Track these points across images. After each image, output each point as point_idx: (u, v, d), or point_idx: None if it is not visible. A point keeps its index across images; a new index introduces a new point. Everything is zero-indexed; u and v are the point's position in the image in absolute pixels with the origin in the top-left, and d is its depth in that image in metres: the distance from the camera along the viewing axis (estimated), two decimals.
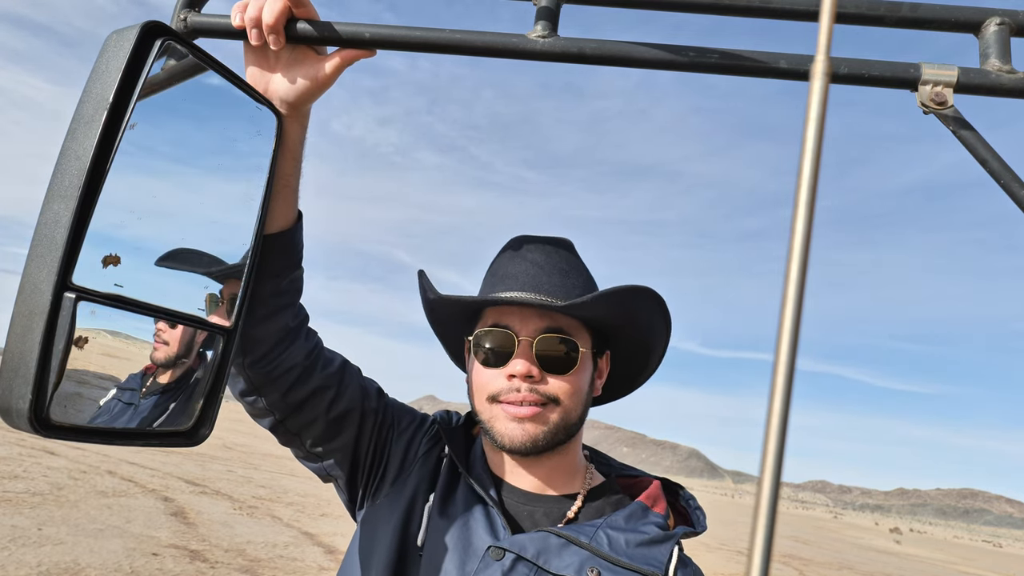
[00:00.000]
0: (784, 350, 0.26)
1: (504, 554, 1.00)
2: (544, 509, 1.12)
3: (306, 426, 1.13)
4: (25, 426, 0.65)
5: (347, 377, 1.16)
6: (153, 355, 0.85)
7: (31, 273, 0.66)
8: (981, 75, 0.78)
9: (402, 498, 1.12)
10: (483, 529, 1.05)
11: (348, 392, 1.15)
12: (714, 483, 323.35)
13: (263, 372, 1.05)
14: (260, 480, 14.17)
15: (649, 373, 1.29)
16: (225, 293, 0.93)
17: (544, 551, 1.00)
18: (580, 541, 1.01)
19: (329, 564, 7.86)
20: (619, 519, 1.08)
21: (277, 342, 1.05)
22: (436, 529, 1.06)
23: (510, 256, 1.18)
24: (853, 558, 24.04)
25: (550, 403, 1.08)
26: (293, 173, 1.01)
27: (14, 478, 9.10)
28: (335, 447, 1.16)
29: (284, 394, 1.08)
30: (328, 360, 1.14)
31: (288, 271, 1.04)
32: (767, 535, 0.26)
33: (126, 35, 0.72)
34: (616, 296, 1.08)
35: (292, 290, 1.06)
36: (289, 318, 1.06)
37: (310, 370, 1.10)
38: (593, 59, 0.83)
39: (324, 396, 1.12)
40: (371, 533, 1.11)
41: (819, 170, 0.28)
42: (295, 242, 1.05)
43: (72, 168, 0.67)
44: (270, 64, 0.95)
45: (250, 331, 1.02)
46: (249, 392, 1.08)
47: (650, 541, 1.05)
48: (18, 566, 5.60)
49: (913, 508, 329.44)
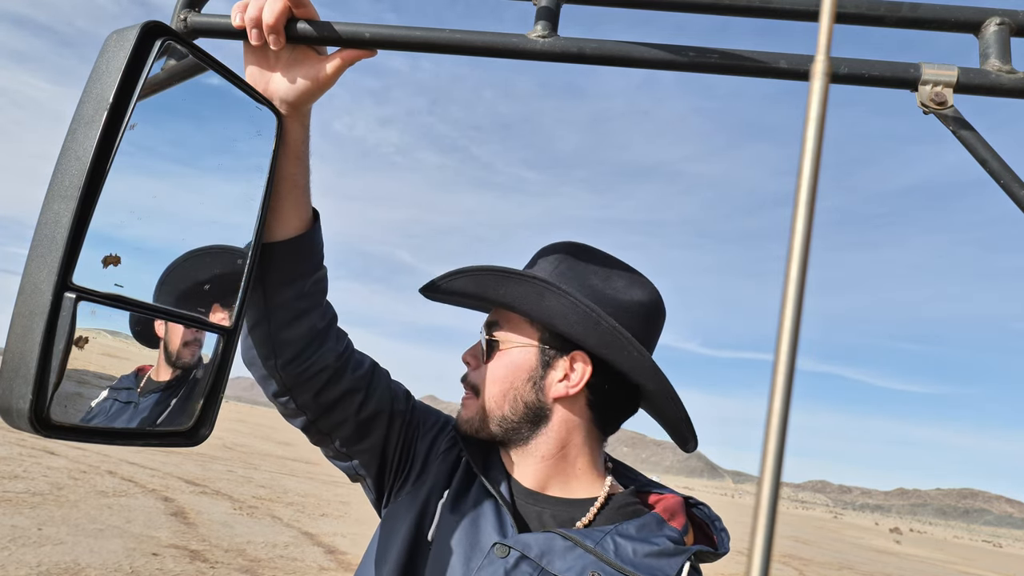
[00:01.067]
0: (784, 350, 0.26)
1: (509, 552, 1.00)
2: (552, 511, 1.11)
3: (336, 427, 1.14)
4: (25, 426, 0.65)
5: (376, 380, 1.18)
6: (180, 354, 0.88)
7: (31, 273, 0.66)
8: (981, 75, 0.78)
9: (420, 495, 1.13)
10: (492, 527, 1.05)
11: (377, 394, 1.17)
12: (714, 483, 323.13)
13: (295, 374, 1.07)
14: (260, 480, 14.17)
15: (642, 378, 1.12)
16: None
17: (548, 552, 1.00)
18: (585, 545, 1.00)
19: (329, 564, 7.86)
20: (630, 528, 1.05)
21: (307, 344, 1.06)
22: (446, 524, 1.07)
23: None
24: (853, 558, 24.04)
25: (472, 392, 1.16)
26: (299, 173, 1.01)
27: (14, 478, 9.10)
28: (364, 448, 1.18)
29: (316, 395, 1.10)
30: (358, 362, 1.16)
31: (311, 273, 1.05)
32: (767, 535, 0.26)
33: (126, 35, 0.72)
34: (462, 277, 1.14)
35: (317, 291, 1.07)
36: (317, 319, 1.07)
37: (341, 372, 1.11)
38: (593, 59, 0.83)
39: (355, 398, 1.13)
40: (389, 528, 1.13)
41: (819, 170, 0.28)
42: (315, 244, 1.05)
43: (72, 168, 0.67)
44: (270, 64, 0.95)
45: (279, 334, 1.03)
46: (282, 393, 1.10)
47: (659, 553, 1.01)
48: (18, 566, 5.60)
49: (913, 508, 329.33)
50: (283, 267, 1.01)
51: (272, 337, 1.04)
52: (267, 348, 1.05)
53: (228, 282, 0.93)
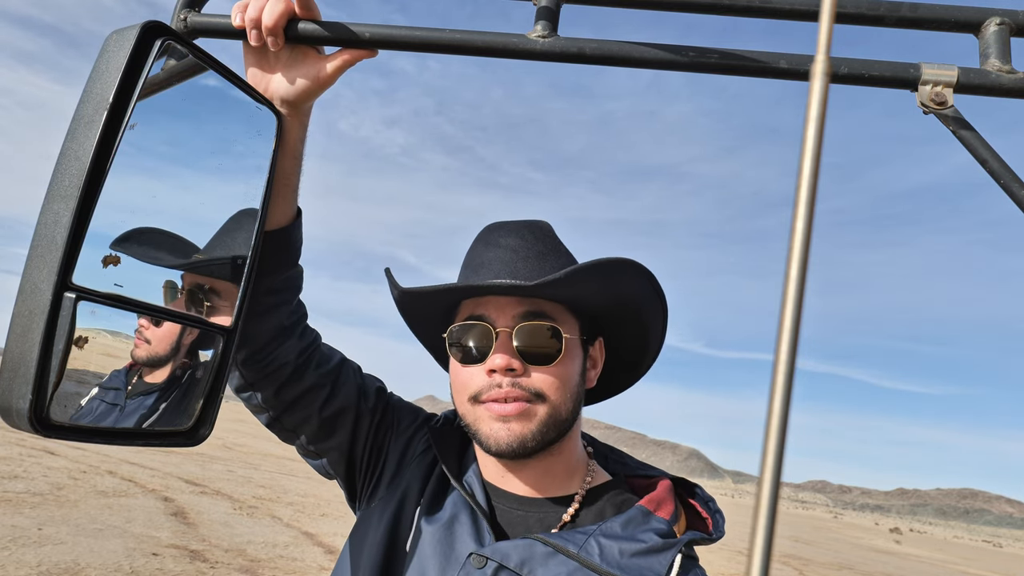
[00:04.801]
0: (784, 350, 0.26)
1: (486, 562, 0.95)
2: (539, 515, 1.05)
3: (300, 424, 1.12)
4: (25, 426, 0.65)
5: (343, 376, 1.15)
6: (134, 352, 0.84)
7: (31, 273, 0.66)
8: (981, 75, 0.78)
9: (394, 500, 1.09)
10: (468, 535, 1.00)
11: (343, 391, 1.14)
12: (714, 483, 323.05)
13: (255, 369, 1.05)
14: (260, 480, 14.17)
15: (650, 358, 1.18)
16: (186, 281, 0.89)
17: (528, 560, 0.94)
18: (568, 550, 0.94)
19: (329, 564, 7.86)
20: (615, 526, 0.99)
21: (270, 339, 1.04)
22: (422, 533, 1.02)
23: (483, 244, 1.10)
24: (853, 558, 24.04)
25: (535, 399, 0.99)
26: (294, 172, 1.00)
27: (14, 478, 9.10)
28: (330, 446, 1.15)
29: (277, 391, 1.08)
30: (325, 358, 1.13)
31: (283, 269, 1.03)
32: (767, 535, 0.26)
33: (126, 35, 0.72)
34: (595, 269, 0.98)
35: (287, 288, 1.05)
36: (284, 316, 1.05)
37: (303, 368, 1.09)
38: (593, 59, 0.83)
39: (318, 395, 1.11)
40: (363, 534, 1.09)
41: (819, 170, 0.28)
42: (292, 240, 1.03)
43: (72, 168, 0.67)
44: (270, 64, 0.95)
45: (243, 327, 0.99)
46: (244, 388, 1.09)
47: (647, 550, 0.96)
48: (18, 566, 5.60)
49: (913, 508, 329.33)
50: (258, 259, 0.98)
51: None
52: None
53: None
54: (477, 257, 1.09)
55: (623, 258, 1.00)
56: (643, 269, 1.03)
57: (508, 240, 1.08)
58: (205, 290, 0.91)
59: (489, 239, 1.10)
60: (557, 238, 1.14)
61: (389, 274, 1.12)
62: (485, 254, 1.08)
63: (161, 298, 0.85)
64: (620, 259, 1.00)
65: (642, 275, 1.04)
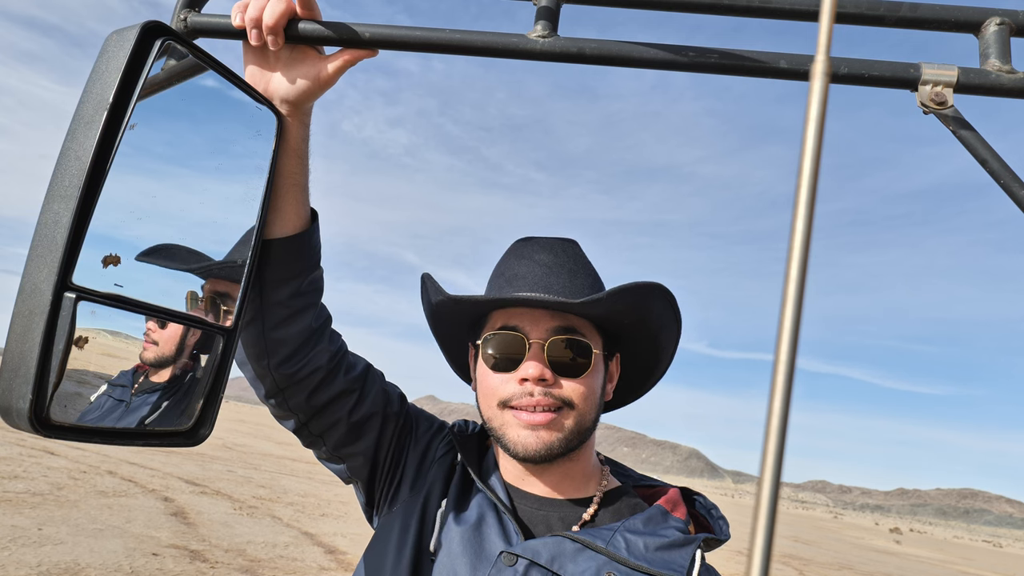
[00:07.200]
0: (784, 350, 0.26)
1: (517, 560, 0.98)
2: (559, 514, 1.09)
3: (328, 429, 1.13)
4: (25, 426, 0.65)
5: (370, 382, 1.17)
6: (142, 355, 0.85)
7: (31, 273, 0.66)
8: (981, 75, 0.78)
9: (416, 504, 1.11)
10: (496, 535, 1.03)
11: (371, 397, 1.15)
12: (714, 483, 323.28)
13: (288, 374, 1.06)
14: (260, 480, 14.17)
15: (659, 376, 1.26)
16: (207, 290, 0.92)
17: (558, 556, 0.98)
18: (596, 545, 0.98)
19: (329, 564, 7.86)
20: (637, 522, 1.04)
21: (302, 344, 1.05)
22: (448, 534, 1.05)
23: (516, 257, 1.16)
24: (853, 558, 24.04)
25: (564, 407, 1.05)
26: (299, 171, 1.01)
27: (14, 478, 9.10)
28: (356, 450, 1.16)
29: (308, 396, 1.09)
30: (352, 364, 1.15)
31: (307, 272, 1.04)
32: (767, 535, 0.26)
33: (126, 35, 0.72)
34: (630, 293, 1.05)
35: (312, 291, 1.06)
36: (311, 319, 1.06)
37: (334, 373, 1.10)
38: (593, 59, 0.83)
39: (348, 400, 1.12)
40: (385, 538, 1.10)
41: (819, 170, 0.28)
42: (312, 244, 1.04)
43: (72, 168, 0.67)
44: (270, 64, 0.95)
45: (273, 334, 1.03)
46: (274, 394, 1.09)
47: (670, 545, 1.01)
48: (18, 566, 5.60)
49: (913, 508, 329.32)
50: (281, 264, 1.00)
51: (265, 336, 1.03)
52: (260, 347, 1.04)
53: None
54: (510, 269, 1.15)
55: (654, 283, 1.06)
56: (670, 295, 1.10)
57: (541, 256, 1.14)
58: (221, 295, 0.93)
59: (523, 253, 1.16)
60: (585, 256, 1.20)
61: (430, 279, 1.17)
62: (518, 267, 1.13)
63: (162, 299, 0.85)
64: (652, 284, 1.06)
65: (667, 300, 1.11)
